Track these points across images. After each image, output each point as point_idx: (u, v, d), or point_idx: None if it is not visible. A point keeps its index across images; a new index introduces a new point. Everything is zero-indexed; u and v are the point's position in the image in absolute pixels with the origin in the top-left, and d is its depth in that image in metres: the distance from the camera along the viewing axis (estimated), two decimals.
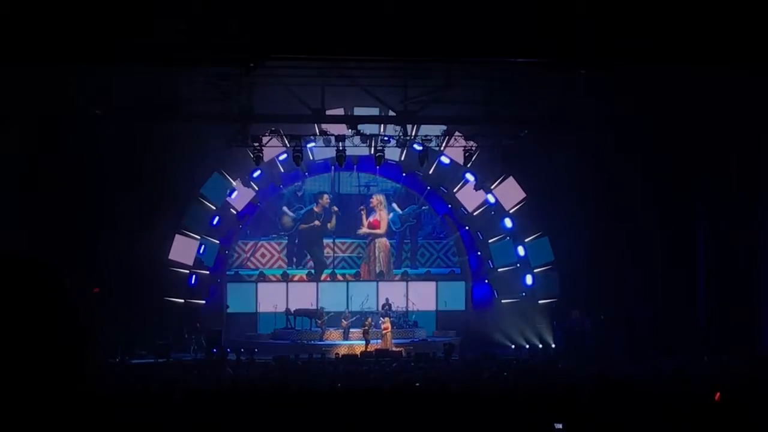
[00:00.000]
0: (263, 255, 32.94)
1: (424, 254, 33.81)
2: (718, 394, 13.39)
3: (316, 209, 32.81)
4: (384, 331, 29.72)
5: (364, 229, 33.01)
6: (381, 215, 33.05)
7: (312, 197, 32.93)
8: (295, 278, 32.93)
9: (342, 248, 33.31)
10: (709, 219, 29.58)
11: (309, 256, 32.99)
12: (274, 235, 32.98)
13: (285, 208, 32.80)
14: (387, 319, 30.38)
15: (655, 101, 26.51)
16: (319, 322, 31.36)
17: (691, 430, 12.18)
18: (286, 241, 33.05)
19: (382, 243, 33.21)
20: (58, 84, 23.94)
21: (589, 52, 19.00)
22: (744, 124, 27.24)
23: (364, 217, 32.96)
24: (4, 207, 25.34)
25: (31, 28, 17.37)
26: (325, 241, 33.07)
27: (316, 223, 32.72)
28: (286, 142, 28.37)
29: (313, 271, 32.90)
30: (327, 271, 33.02)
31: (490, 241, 31.92)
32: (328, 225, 32.86)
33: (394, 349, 29.14)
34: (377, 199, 33.04)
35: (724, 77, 23.88)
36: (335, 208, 32.75)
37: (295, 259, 33.13)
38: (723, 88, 24.98)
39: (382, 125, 28.90)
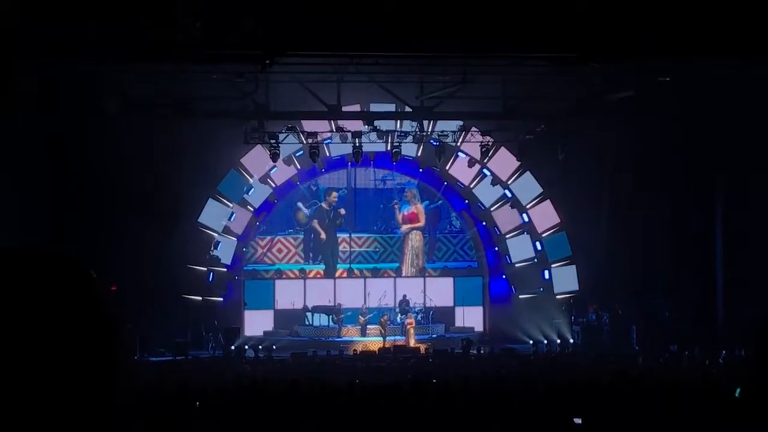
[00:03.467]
0: (280, 250, 32.91)
1: (440, 248, 33.71)
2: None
3: (324, 206, 32.77)
4: (408, 327, 29.72)
5: (405, 226, 32.87)
6: (417, 207, 32.94)
7: (324, 193, 32.95)
8: (312, 273, 32.92)
9: (359, 243, 33.27)
10: (727, 213, 29.44)
11: (322, 257, 32.98)
12: (290, 231, 32.96)
13: (299, 204, 32.78)
14: (410, 315, 30.47)
15: (673, 95, 26.39)
16: (337, 318, 31.36)
17: (708, 423, 12.15)
18: (302, 236, 33.07)
19: (417, 236, 33.14)
20: (76, 82, 24.01)
21: (602, 48, 18.96)
22: (762, 117, 27.06)
23: (397, 210, 32.87)
24: (26, 205, 25.41)
25: (50, 26, 17.43)
26: (342, 236, 33.05)
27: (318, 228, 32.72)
28: (303, 138, 28.43)
29: (325, 265, 32.89)
30: (344, 266, 33.01)
31: (507, 236, 31.87)
32: (337, 222, 32.81)
33: (414, 345, 29.14)
34: (411, 192, 32.93)
35: (744, 70, 23.78)
36: (342, 211, 32.68)
37: (311, 254, 33.12)
38: (742, 82, 24.86)
39: (398, 121, 28.89)
